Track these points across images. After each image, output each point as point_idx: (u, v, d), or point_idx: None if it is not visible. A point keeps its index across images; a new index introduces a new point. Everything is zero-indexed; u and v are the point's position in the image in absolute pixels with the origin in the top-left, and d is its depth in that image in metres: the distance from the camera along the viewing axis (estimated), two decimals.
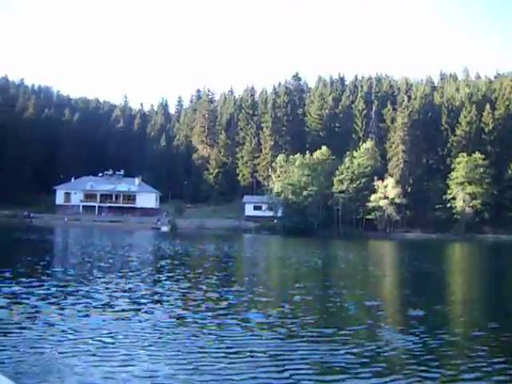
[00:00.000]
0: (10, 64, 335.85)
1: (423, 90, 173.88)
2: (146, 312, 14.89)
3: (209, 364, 9.98)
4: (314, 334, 12.71)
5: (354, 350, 11.22)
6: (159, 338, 11.91)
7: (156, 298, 17.66)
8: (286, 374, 9.48)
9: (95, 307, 15.27)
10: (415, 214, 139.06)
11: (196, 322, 13.61)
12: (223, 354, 10.66)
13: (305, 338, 12.18)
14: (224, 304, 16.72)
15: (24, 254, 34.97)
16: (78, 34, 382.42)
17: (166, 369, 9.63)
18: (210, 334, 12.45)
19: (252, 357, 10.54)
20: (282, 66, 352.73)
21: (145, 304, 16.24)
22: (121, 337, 11.87)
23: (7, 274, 21.88)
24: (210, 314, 14.76)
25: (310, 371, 9.71)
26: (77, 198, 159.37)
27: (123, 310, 14.93)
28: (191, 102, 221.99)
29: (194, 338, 12.00)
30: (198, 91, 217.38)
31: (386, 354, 11.28)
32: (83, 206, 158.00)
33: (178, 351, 10.84)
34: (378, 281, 27.63)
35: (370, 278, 28.56)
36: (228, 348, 11.17)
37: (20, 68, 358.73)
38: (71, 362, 9.80)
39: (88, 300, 16.44)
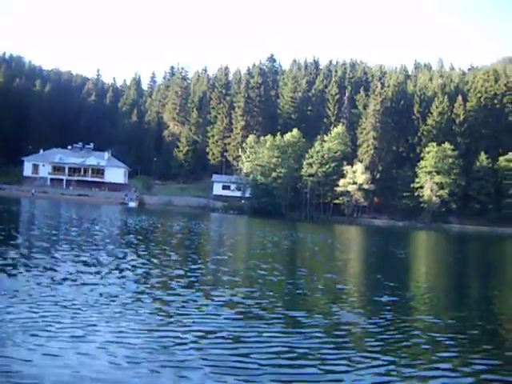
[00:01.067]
0: None
1: (397, 77, 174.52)
2: (105, 285, 14.84)
3: (164, 342, 9.95)
4: (279, 315, 12.67)
5: (318, 334, 11.20)
6: (116, 312, 11.84)
7: (118, 272, 17.58)
8: (246, 356, 9.43)
9: (55, 278, 15.20)
10: (383, 201, 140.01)
11: (156, 299, 13.60)
12: (179, 333, 10.64)
13: (269, 320, 12.12)
14: (187, 281, 16.72)
15: None
16: (53, 3, 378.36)
17: (124, 346, 9.55)
18: (169, 310, 12.41)
19: (210, 337, 10.45)
20: (256, 47, 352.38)
21: (107, 277, 16.15)
22: (79, 308, 11.85)
23: None
24: (171, 291, 14.76)
25: (272, 354, 9.63)
26: (45, 171, 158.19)
27: (83, 283, 14.85)
28: (164, 78, 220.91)
29: (151, 314, 12.00)
30: (172, 68, 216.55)
31: (349, 338, 11.38)
32: (51, 179, 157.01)
33: (135, 327, 10.82)
34: (344, 264, 27.67)
35: (337, 262, 28.64)
36: (185, 326, 11.11)
37: None
38: (26, 334, 9.80)
39: (48, 272, 16.36)
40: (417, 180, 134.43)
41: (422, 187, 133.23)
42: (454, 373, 9.24)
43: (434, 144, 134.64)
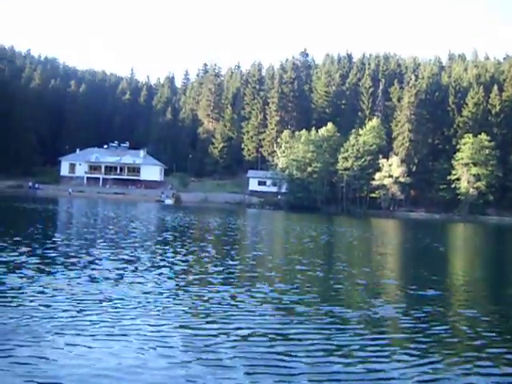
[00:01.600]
0: (16, 34, 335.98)
1: (431, 69, 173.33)
2: (143, 282, 14.86)
3: (203, 339, 9.82)
4: (319, 311, 12.46)
5: (360, 330, 10.98)
6: (154, 309, 11.82)
7: (156, 269, 17.60)
8: (286, 354, 9.19)
9: (93, 276, 15.31)
10: (419, 194, 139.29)
11: (195, 295, 13.53)
12: (220, 329, 10.51)
13: (309, 316, 11.93)
14: (225, 278, 16.63)
15: (26, 223, 35.04)
16: (85, 5, 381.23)
17: (161, 344, 9.46)
18: (208, 307, 12.32)
19: (249, 334, 10.30)
20: (289, 42, 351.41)
21: (145, 275, 16.19)
22: (117, 306, 11.88)
23: (9, 242, 21.96)
24: (209, 287, 14.65)
25: (313, 352, 9.38)
26: (81, 170, 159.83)
27: (122, 281, 14.92)
28: (198, 75, 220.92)
29: (189, 311, 11.96)
30: (205, 65, 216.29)
31: (392, 334, 11.29)
32: (88, 178, 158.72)
33: (173, 324, 10.75)
34: (383, 258, 27.37)
35: (376, 256, 28.45)
36: (224, 324, 10.94)
37: (26, 38, 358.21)
38: (63, 332, 9.82)
39: (86, 269, 16.47)
40: (453, 172, 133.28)
41: (458, 179, 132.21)
42: (500, 370, 8.98)
43: (470, 135, 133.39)
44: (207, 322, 10.98)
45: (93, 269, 16.59)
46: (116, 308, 11.68)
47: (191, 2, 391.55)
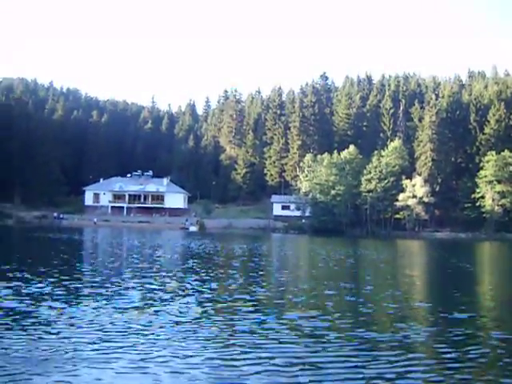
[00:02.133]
0: (39, 67, 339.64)
1: (451, 88, 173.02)
2: (170, 310, 14.83)
3: (230, 368, 9.66)
4: (349, 337, 12.22)
5: (390, 356, 10.62)
6: (181, 338, 11.76)
7: (183, 297, 17.57)
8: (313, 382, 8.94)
9: (119, 305, 15.34)
10: (444, 213, 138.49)
11: (222, 323, 13.47)
12: (248, 358, 10.30)
13: (338, 342, 11.68)
14: (253, 304, 16.52)
15: (53, 254, 35.16)
16: (105, 36, 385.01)
17: (191, 372, 9.41)
18: (237, 335, 12.22)
19: (278, 363, 10.02)
20: (309, 66, 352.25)
21: (172, 303, 16.19)
22: (147, 335, 11.89)
23: (36, 273, 22.12)
24: (236, 315, 14.58)
25: (343, 381, 9.08)
26: (105, 199, 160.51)
27: (151, 309, 14.95)
28: (218, 102, 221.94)
29: (220, 338, 11.91)
30: (226, 92, 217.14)
31: (423, 358, 10.84)
32: (112, 207, 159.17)
33: (202, 353, 10.64)
34: (411, 280, 27.10)
35: (403, 278, 28.13)
36: (253, 352, 10.76)
37: (49, 71, 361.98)
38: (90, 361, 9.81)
39: (114, 299, 16.53)
40: (477, 190, 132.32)
41: (483, 197, 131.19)
42: None
43: (493, 153, 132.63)
44: (235, 351, 10.79)
45: (119, 298, 16.62)
46: (142, 338, 11.64)
47: (209, 29, 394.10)
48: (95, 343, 11.07)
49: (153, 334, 12.02)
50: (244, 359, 10.19)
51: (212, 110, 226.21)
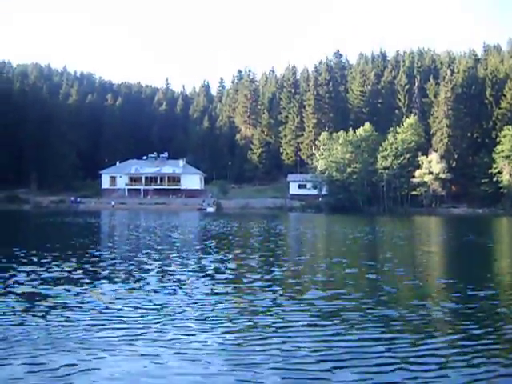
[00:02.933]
0: (52, 52, 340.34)
1: (466, 62, 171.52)
2: (189, 291, 14.80)
3: (246, 350, 9.44)
4: (371, 317, 11.87)
5: (416, 336, 10.28)
6: (200, 318, 11.70)
7: (202, 277, 17.48)
8: (337, 368, 8.56)
9: (140, 287, 15.42)
10: (461, 189, 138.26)
11: (242, 304, 13.27)
12: (265, 340, 10.12)
13: (360, 323, 11.30)
14: (272, 284, 16.22)
15: (72, 237, 35.25)
16: (117, 19, 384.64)
17: (205, 352, 9.37)
18: (254, 316, 12.03)
19: (296, 346, 9.69)
20: (322, 43, 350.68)
21: (191, 284, 16.11)
22: (164, 315, 11.92)
23: (53, 257, 22.33)
24: (255, 294, 14.34)
25: (364, 367, 8.57)
26: (122, 182, 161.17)
27: (169, 290, 14.98)
28: (233, 82, 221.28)
29: (237, 319, 11.71)
30: (239, 72, 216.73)
31: (447, 336, 10.57)
32: (129, 190, 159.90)
33: (217, 333, 10.62)
34: (431, 257, 26.74)
35: (424, 255, 27.51)
36: (271, 333, 10.56)
37: (62, 56, 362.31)
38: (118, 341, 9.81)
39: (133, 280, 16.61)
40: (494, 165, 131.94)
41: (500, 172, 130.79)
42: None
43: (510, 127, 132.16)
44: (254, 333, 10.56)
45: (136, 280, 16.68)
46: (159, 320, 11.63)
47: (222, 9, 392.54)
48: (113, 325, 11.16)
49: (170, 315, 12.03)
50: (263, 341, 9.98)
51: (226, 90, 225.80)
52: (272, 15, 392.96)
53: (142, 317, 11.84)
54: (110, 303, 13.10)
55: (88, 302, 13.16)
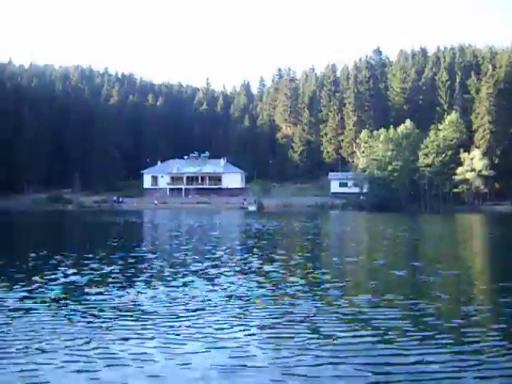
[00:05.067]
0: (93, 54, 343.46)
1: (508, 57, 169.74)
2: (231, 290, 14.97)
3: (288, 349, 9.54)
4: (419, 321, 11.53)
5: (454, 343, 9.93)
6: (241, 317, 11.83)
7: (244, 274, 17.69)
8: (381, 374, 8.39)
9: (180, 285, 15.71)
10: (504, 186, 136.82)
11: (283, 303, 13.21)
12: (307, 337, 10.21)
13: (417, 334, 10.61)
14: (314, 284, 16.10)
15: (114, 237, 35.70)
16: (157, 20, 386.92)
17: (246, 350, 9.56)
18: (297, 317, 11.84)
19: (339, 343, 9.85)
20: (362, 41, 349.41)
21: (235, 281, 16.34)
22: (204, 313, 12.21)
23: (97, 256, 22.78)
24: (299, 297, 14.00)
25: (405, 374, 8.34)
26: (164, 181, 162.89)
27: (213, 287, 15.24)
28: (273, 81, 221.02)
29: (278, 319, 11.70)
30: (279, 70, 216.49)
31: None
32: (170, 189, 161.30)
33: (261, 331, 10.76)
34: (481, 258, 26.51)
35: (472, 255, 27.50)
36: (314, 332, 10.61)
37: (103, 58, 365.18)
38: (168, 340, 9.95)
39: (172, 279, 16.87)
40: None
41: None
42: None
43: None
44: (294, 336, 10.40)
45: (179, 278, 16.96)
46: (200, 314, 12.00)
47: (262, 8, 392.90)
48: (159, 320, 11.54)
49: (213, 312, 12.28)
50: (304, 345, 9.79)
51: (266, 89, 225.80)
52: (312, 13, 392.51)
53: (187, 310, 12.35)
54: (153, 302, 13.42)
55: (131, 302, 13.44)
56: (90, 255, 23.36)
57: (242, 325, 11.24)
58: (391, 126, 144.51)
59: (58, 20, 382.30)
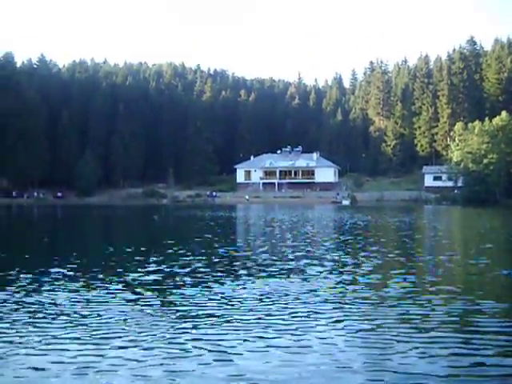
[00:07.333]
0: (186, 51, 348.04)
1: None
2: (322, 288, 14.28)
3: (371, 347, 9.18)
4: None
5: None
6: (328, 318, 11.24)
7: (338, 274, 16.49)
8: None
9: (269, 281, 15.42)
10: None
11: (375, 304, 12.43)
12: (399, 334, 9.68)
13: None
14: (405, 284, 14.83)
15: (209, 231, 35.94)
16: (246, 17, 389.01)
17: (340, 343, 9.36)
18: (385, 322, 10.75)
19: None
20: (456, 30, 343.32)
21: (325, 280, 15.60)
22: (295, 311, 11.76)
23: (194, 249, 22.52)
24: (389, 300, 12.80)
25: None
26: (257, 176, 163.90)
27: (305, 284, 14.75)
28: (365, 74, 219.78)
29: (367, 320, 10.88)
30: (371, 63, 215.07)
31: None
32: (263, 183, 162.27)
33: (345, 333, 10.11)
34: None
35: None
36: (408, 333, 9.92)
37: (195, 55, 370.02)
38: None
39: (267, 275, 16.39)
40: None
41: None
42: None
43: None
44: (379, 340, 9.54)
45: (266, 275, 16.48)
46: (283, 312, 11.72)
47: (353, 1, 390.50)
48: (244, 315, 11.41)
49: (300, 309, 11.99)
50: (389, 350, 9.02)
51: (359, 82, 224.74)
52: (402, 5, 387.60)
53: (275, 303, 12.36)
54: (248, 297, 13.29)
55: (223, 297, 13.17)
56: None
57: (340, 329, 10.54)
58: (486, 118, 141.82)
59: (151, 19, 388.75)
